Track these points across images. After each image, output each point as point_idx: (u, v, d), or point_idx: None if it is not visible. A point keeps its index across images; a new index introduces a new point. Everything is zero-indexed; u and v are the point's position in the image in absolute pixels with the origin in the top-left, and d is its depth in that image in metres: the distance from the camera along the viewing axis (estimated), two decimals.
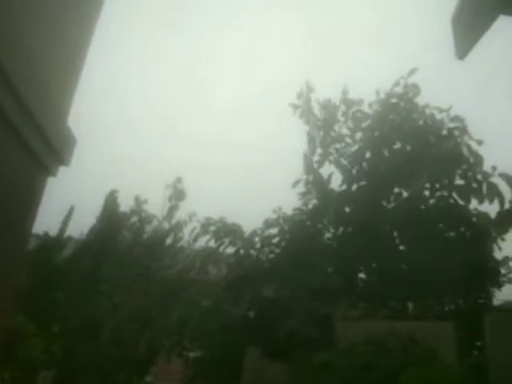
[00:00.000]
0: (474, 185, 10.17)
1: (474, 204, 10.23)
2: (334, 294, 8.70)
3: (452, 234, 10.11)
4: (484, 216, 10.00)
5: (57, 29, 4.15)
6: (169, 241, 13.41)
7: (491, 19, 3.57)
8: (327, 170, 11.38)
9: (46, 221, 10.67)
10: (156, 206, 13.84)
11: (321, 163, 11.24)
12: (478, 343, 8.56)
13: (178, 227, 13.68)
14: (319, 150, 11.29)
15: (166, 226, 13.69)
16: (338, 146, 11.34)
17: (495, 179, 9.94)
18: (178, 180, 14.38)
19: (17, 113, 3.40)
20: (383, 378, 5.44)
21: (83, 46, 4.81)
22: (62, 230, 11.98)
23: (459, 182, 10.44)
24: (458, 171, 10.35)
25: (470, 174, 10.31)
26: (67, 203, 12.35)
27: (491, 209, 9.94)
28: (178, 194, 14.09)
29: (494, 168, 9.97)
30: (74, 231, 12.50)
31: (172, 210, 13.87)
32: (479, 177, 10.17)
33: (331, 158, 11.26)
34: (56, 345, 9.83)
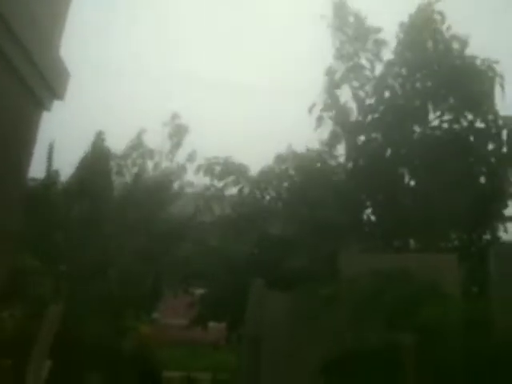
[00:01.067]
0: (494, 130, 9.99)
1: None
2: (338, 230, 8.72)
3: (460, 164, 9.93)
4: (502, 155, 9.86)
5: None
6: (171, 183, 13.14)
7: None
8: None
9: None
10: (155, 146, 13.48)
11: (343, 80, 10.98)
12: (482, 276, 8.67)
13: (180, 168, 13.41)
14: (349, 63, 11.01)
15: (169, 164, 13.40)
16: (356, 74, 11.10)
17: None
18: (175, 116, 13.80)
19: (6, 40, 3.22)
20: (391, 308, 5.50)
21: None
22: (49, 167, 11.58)
23: (479, 125, 10.28)
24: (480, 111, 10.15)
25: (491, 117, 10.12)
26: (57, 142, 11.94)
27: None
28: (178, 130, 13.58)
29: None
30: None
31: (174, 147, 13.45)
32: (500, 122, 9.98)
33: (352, 83, 11.00)
34: (63, 283, 9.98)
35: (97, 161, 12.01)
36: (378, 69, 11.28)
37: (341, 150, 11.08)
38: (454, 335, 5.04)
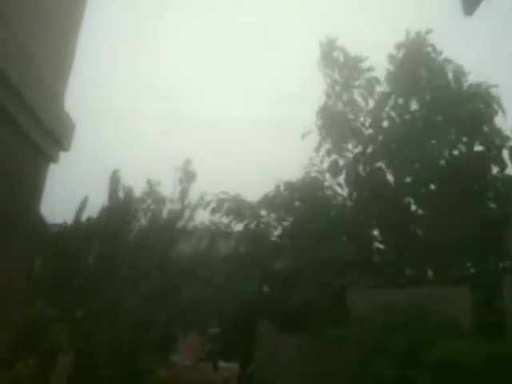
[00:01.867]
0: (494, 151, 9.97)
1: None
2: (348, 264, 8.63)
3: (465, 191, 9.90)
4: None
5: (45, 15, 4.08)
6: (183, 221, 13.45)
7: None
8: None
9: (56, 207, 10.73)
10: (165, 188, 13.88)
11: (341, 99, 11.11)
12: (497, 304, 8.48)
13: (191, 207, 13.74)
14: (344, 93, 11.16)
15: (179, 207, 13.74)
16: (348, 109, 11.25)
17: None
18: (188, 162, 14.44)
19: (11, 101, 3.36)
20: (404, 345, 5.39)
21: (74, 28, 4.73)
22: (78, 218, 12.05)
23: (478, 147, 10.30)
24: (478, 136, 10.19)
25: (490, 138, 10.13)
26: (73, 189, 12.38)
27: None
28: (188, 176, 14.13)
29: None
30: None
31: (184, 191, 13.93)
32: (497, 141, 9.96)
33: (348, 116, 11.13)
34: (78, 330, 9.99)
35: (118, 206, 12.35)
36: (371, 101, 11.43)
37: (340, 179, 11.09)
38: (469, 372, 4.91)
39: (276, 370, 7.14)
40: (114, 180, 12.80)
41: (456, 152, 10.28)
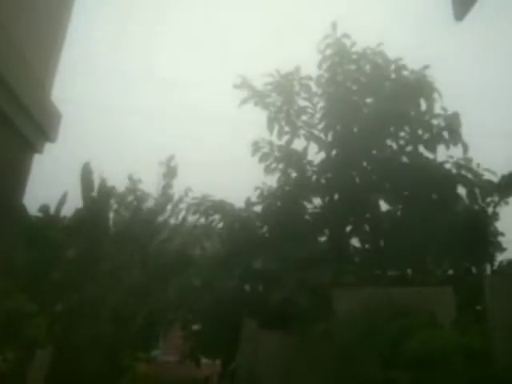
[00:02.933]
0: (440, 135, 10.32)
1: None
2: (323, 261, 8.74)
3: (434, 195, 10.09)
4: (484, 181, 9.96)
5: (33, 5, 4.02)
6: (165, 216, 13.39)
7: None
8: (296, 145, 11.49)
9: (37, 198, 10.64)
10: (150, 183, 13.82)
11: (291, 139, 11.24)
12: (478, 307, 8.59)
13: (174, 203, 13.68)
14: (286, 128, 11.27)
15: (162, 203, 13.67)
16: (304, 118, 11.35)
17: None
18: (171, 157, 14.37)
19: None
20: (386, 344, 5.44)
21: (62, 20, 4.66)
22: (57, 213, 11.89)
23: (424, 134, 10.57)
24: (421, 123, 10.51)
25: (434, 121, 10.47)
26: (55, 182, 12.22)
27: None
28: (170, 172, 14.07)
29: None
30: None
31: (166, 188, 13.86)
32: (440, 122, 10.35)
33: (302, 131, 11.26)
34: (58, 324, 9.88)
35: (98, 199, 12.21)
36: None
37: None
38: (450, 367, 4.97)
39: (259, 367, 7.15)
40: (86, 172, 12.56)
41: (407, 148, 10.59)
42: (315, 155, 11.25)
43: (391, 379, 4.98)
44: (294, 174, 11.12)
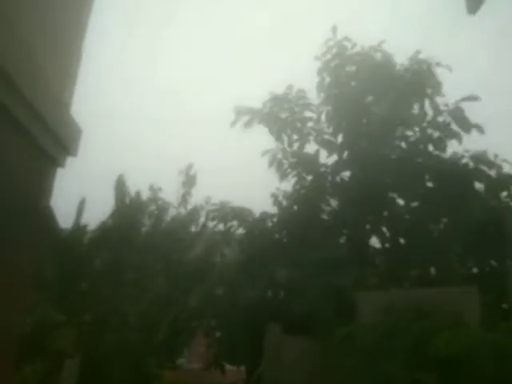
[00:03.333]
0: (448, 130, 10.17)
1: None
2: (344, 264, 8.70)
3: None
4: (505, 175, 9.76)
5: (51, 22, 4.12)
6: (186, 224, 13.53)
7: None
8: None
9: (64, 212, 10.91)
10: (170, 192, 13.99)
11: (302, 145, 11.29)
12: (505, 305, 8.46)
13: (195, 212, 13.81)
14: (295, 136, 11.33)
15: (182, 211, 13.82)
16: (310, 124, 11.40)
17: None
18: (189, 166, 14.57)
19: (18, 106, 3.40)
20: (408, 345, 5.39)
21: (79, 36, 4.77)
22: (77, 220, 12.11)
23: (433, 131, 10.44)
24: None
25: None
26: (80, 194, 12.48)
27: None
28: (189, 180, 14.25)
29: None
30: (89, 221, 12.60)
31: (185, 196, 14.04)
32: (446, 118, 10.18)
33: (311, 137, 11.31)
34: (85, 334, 10.03)
35: (124, 211, 12.46)
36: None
37: None
38: (477, 366, 4.89)
39: (283, 372, 7.14)
40: (120, 184, 12.90)
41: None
42: (326, 159, 11.30)
43: (416, 380, 4.93)
44: (309, 178, 11.15)
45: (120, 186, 12.78)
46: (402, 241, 10.19)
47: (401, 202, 10.50)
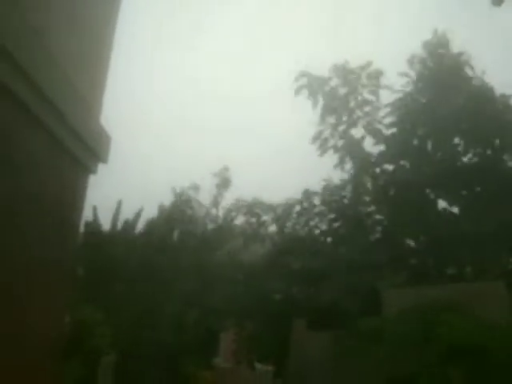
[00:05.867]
0: None
1: None
2: (377, 264, 8.69)
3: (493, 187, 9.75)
4: None
5: (79, 31, 4.30)
6: (217, 224, 13.76)
7: None
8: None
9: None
10: (202, 194, 14.27)
11: (349, 128, 11.11)
12: None
13: (227, 214, 14.01)
14: (344, 118, 11.15)
15: (214, 212, 14.10)
16: (367, 109, 11.21)
17: None
18: (225, 168, 14.85)
19: (49, 116, 3.60)
20: (444, 352, 5.37)
21: (107, 45, 4.97)
22: (114, 223, 12.47)
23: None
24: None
25: None
26: (113, 199, 12.88)
27: None
28: (224, 182, 14.54)
29: None
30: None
31: (218, 197, 14.34)
32: None
33: (362, 121, 11.13)
34: (121, 333, 10.31)
35: (168, 218, 12.83)
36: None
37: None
38: (505, 365, 4.87)
39: (307, 366, 7.23)
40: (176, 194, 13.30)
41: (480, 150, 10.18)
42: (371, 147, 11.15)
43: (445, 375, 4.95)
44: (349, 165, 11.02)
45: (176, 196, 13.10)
46: (438, 240, 10.06)
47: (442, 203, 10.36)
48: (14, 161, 3.18)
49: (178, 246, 12.71)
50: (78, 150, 4.13)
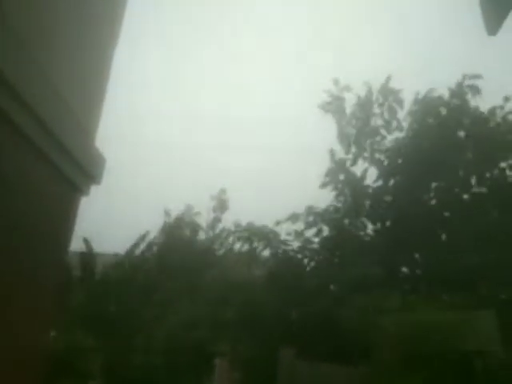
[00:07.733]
0: None
1: None
2: (374, 286, 8.68)
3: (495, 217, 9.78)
4: None
5: (78, 56, 4.35)
6: (215, 247, 13.76)
7: None
8: (359, 167, 11.43)
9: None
10: (199, 216, 14.27)
11: (355, 161, 11.22)
12: None
13: (224, 235, 14.01)
14: (353, 149, 11.26)
15: (211, 234, 14.08)
16: (371, 140, 11.28)
17: None
18: (222, 191, 14.89)
19: (43, 138, 3.62)
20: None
21: (105, 64, 5.01)
22: (132, 251, 12.53)
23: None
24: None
25: None
26: (116, 221, 12.89)
27: None
28: (221, 205, 14.56)
29: None
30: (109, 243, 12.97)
31: (216, 220, 14.35)
32: None
33: (365, 154, 11.22)
34: (111, 357, 10.19)
35: (171, 243, 12.84)
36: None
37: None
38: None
39: None
40: (166, 216, 13.33)
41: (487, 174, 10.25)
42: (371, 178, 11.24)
43: None
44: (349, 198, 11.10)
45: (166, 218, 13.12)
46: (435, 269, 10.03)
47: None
48: (4, 180, 3.19)
49: (175, 268, 12.67)
50: (69, 170, 4.14)
